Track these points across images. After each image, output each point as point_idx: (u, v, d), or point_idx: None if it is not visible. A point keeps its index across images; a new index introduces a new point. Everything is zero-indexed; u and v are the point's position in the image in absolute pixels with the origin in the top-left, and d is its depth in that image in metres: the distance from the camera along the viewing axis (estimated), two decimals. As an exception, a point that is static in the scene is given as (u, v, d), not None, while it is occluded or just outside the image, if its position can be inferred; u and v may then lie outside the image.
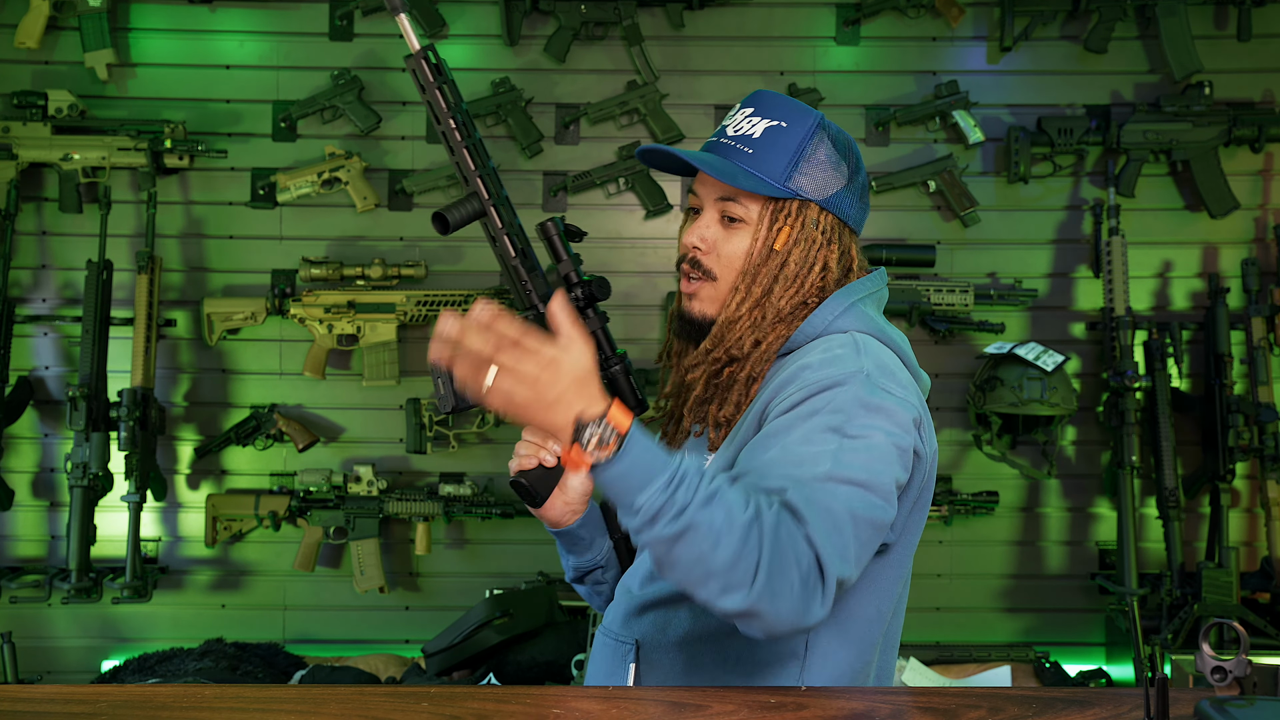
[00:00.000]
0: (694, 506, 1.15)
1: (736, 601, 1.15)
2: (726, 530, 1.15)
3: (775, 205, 1.43)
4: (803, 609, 1.16)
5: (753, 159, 1.42)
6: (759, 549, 1.15)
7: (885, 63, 3.34)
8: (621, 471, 1.17)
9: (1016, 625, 3.33)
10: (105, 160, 3.20)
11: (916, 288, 3.24)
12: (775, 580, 1.14)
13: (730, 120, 1.48)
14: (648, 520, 1.16)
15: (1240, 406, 3.14)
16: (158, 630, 3.30)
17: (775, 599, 1.14)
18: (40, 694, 1.31)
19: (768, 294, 1.42)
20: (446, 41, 3.33)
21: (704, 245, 1.45)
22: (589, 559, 1.56)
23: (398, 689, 1.34)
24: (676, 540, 1.15)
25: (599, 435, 1.17)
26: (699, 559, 1.15)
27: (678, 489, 1.16)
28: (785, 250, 1.43)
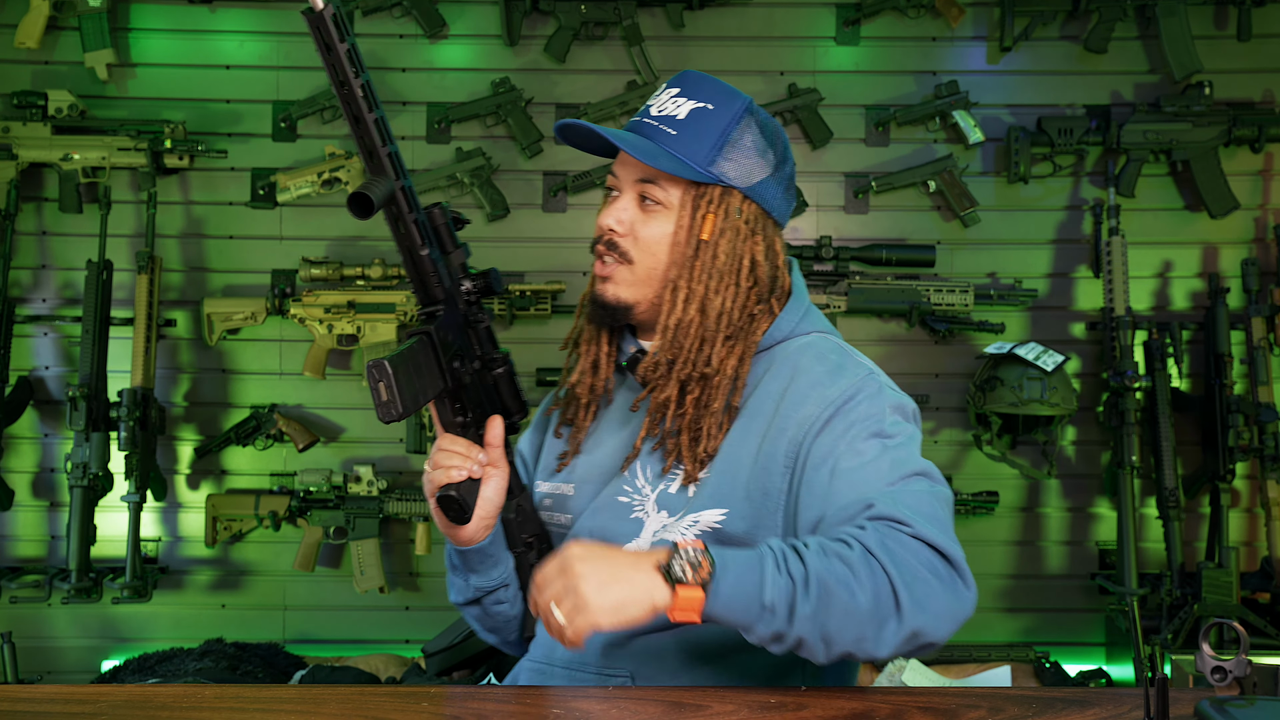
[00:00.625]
0: (814, 570, 1.12)
1: (894, 632, 1.12)
2: (852, 574, 1.12)
3: (697, 190, 1.38)
4: (955, 601, 1.14)
5: (676, 141, 1.37)
6: (885, 572, 1.12)
7: (885, 63, 3.34)
8: (732, 582, 1.12)
9: (1016, 625, 3.33)
10: (105, 160, 3.20)
11: (916, 288, 3.24)
12: (916, 591, 1.12)
13: (655, 100, 1.42)
14: (787, 611, 1.12)
15: (1240, 406, 3.14)
16: (158, 630, 3.30)
17: (926, 609, 1.13)
18: (40, 694, 1.31)
19: (709, 291, 1.37)
20: (446, 41, 3.33)
21: (620, 227, 1.40)
22: (495, 577, 1.48)
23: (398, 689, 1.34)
24: (819, 611, 1.12)
25: (687, 560, 1.12)
26: (846, 612, 1.11)
27: (788, 566, 1.13)
28: (713, 240, 1.37)
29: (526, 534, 1.49)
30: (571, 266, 3.30)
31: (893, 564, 1.13)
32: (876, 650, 1.14)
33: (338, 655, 3.27)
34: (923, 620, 1.12)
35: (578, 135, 1.45)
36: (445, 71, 3.34)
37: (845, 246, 3.24)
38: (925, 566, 1.14)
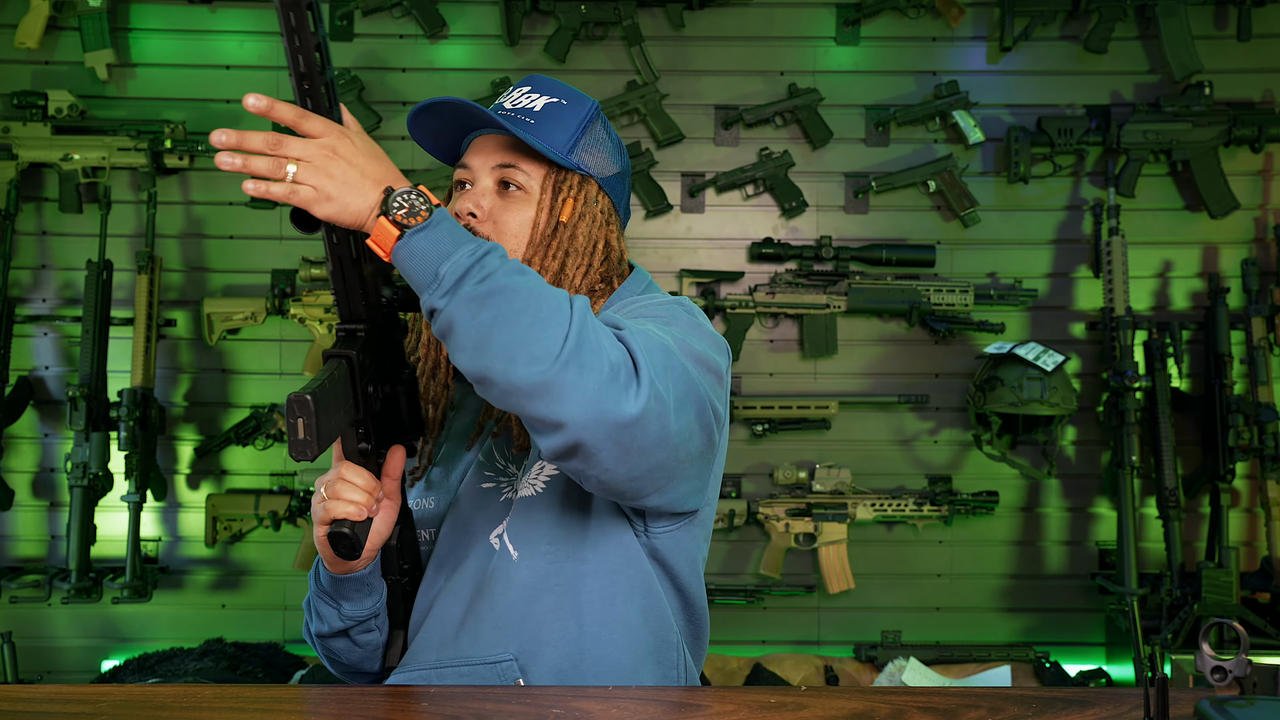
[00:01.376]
0: (503, 272, 1.10)
1: (538, 372, 1.06)
2: (538, 295, 1.09)
3: (558, 175, 1.40)
4: (612, 393, 1.07)
5: (535, 129, 1.39)
6: (569, 319, 1.08)
7: (885, 63, 3.34)
8: (431, 239, 1.11)
9: (1016, 625, 3.34)
10: (105, 160, 3.21)
11: (916, 288, 3.24)
12: (585, 353, 1.07)
13: (507, 97, 1.43)
14: (453, 284, 1.09)
15: (1240, 406, 3.14)
16: (158, 630, 3.30)
17: (582, 371, 1.06)
18: (40, 694, 1.31)
19: (563, 268, 1.38)
20: (446, 41, 3.33)
21: (479, 212, 1.38)
22: (369, 606, 1.41)
23: (398, 689, 1.34)
24: (483, 304, 1.08)
25: (410, 204, 1.12)
26: (504, 321, 1.07)
27: (487, 256, 1.11)
28: (572, 223, 1.39)
29: (405, 561, 1.43)
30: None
31: (581, 325, 1.09)
32: (510, 374, 1.07)
33: (338, 655, 3.27)
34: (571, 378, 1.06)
35: (427, 128, 1.43)
36: (445, 71, 3.34)
37: (845, 246, 3.24)
38: (607, 353, 1.09)
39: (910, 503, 3.24)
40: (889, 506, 3.23)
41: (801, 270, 3.25)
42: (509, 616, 1.33)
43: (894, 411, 3.31)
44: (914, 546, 3.34)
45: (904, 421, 3.33)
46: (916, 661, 3.14)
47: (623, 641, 1.34)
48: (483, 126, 1.42)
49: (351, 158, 1.12)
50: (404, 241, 1.11)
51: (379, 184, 1.13)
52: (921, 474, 3.33)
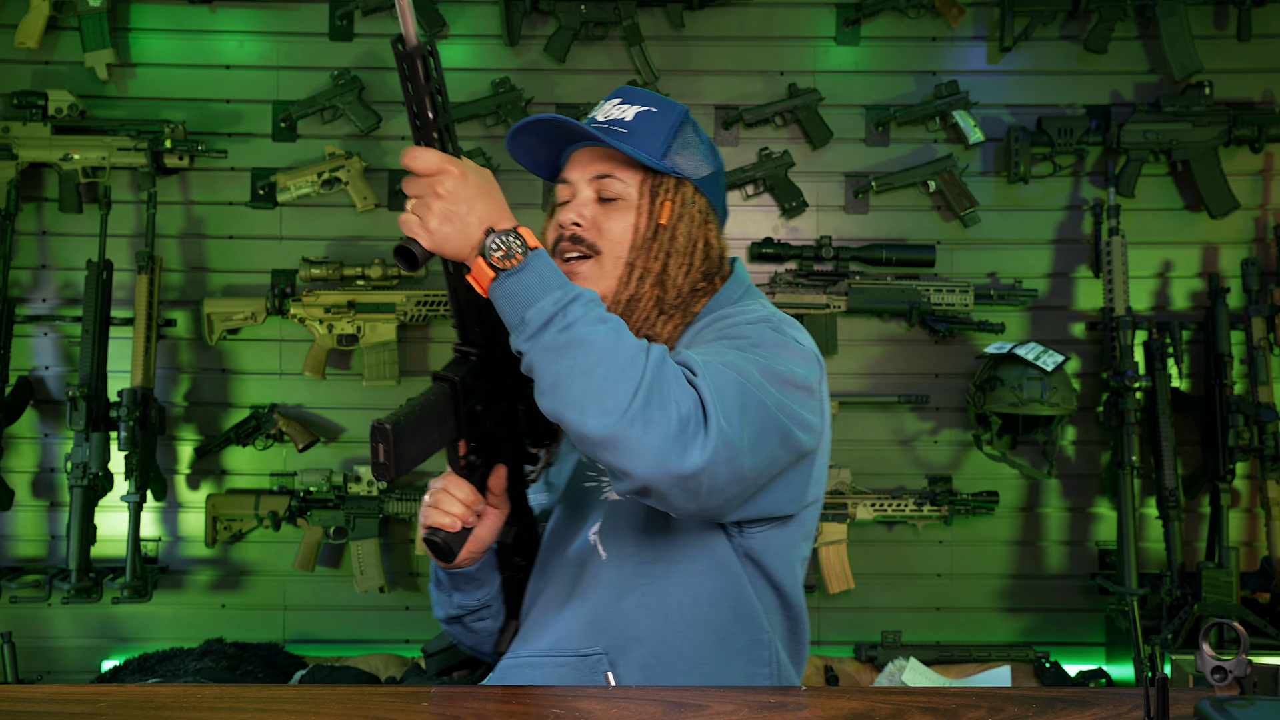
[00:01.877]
0: (585, 322, 1.15)
1: (605, 425, 1.11)
2: (614, 352, 1.13)
3: (654, 180, 1.44)
4: (677, 446, 1.12)
5: (629, 138, 1.43)
6: (641, 377, 1.12)
7: (885, 63, 3.34)
8: (522, 283, 1.16)
9: (1016, 625, 3.34)
10: (105, 160, 3.21)
11: (916, 288, 3.24)
12: (652, 409, 1.12)
13: (598, 110, 1.48)
14: (537, 329, 1.15)
15: (1240, 406, 3.14)
16: (158, 630, 3.30)
17: (647, 427, 1.11)
18: (40, 694, 1.31)
19: (665, 269, 1.42)
20: (446, 41, 3.33)
21: (584, 221, 1.44)
22: (479, 597, 1.50)
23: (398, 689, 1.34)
24: (562, 353, 1.14)
25: (507, 246, 1.17)
26: (579, 373, 1.13)
27: (572, 304, 1.16)
28: (671, 225, 1.43)
29: (521, 558, 1.50)
30: (571, 266, 3.30)
31: (654, 377, 1.13)
32: (580, 428, 1.13)
33: (338, 655, 3.27)
34: (637, 434, 1.11)
35: (525, 145, 1.50)
36: (445, 71, 3.33)
37: (845, 246, 3.25)
38: (677, 405, 1.13)
39: (910, 503, 3.24)
40: (889, 506, 3.23)
41: (801, 270, 3.25)
42: (599, 613, 1.37)
43: (894, 411, 3.31)
44: (914, 546, 3.34)
45: (904, 421, 3.33)
46: (916, 661, 3.14)
47: (710, 639, 1.37)
48: (579, 140, 1.47)
49: (457, 195, 1.17)
50: (498, 283, 1.17)
51: (483, 223, 1.18)
52: (921, 474, 3.33)
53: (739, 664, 1.38)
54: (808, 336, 1.41)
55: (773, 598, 1.42)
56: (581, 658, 1.37)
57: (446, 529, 1.35)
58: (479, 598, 1.49)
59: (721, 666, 1.37)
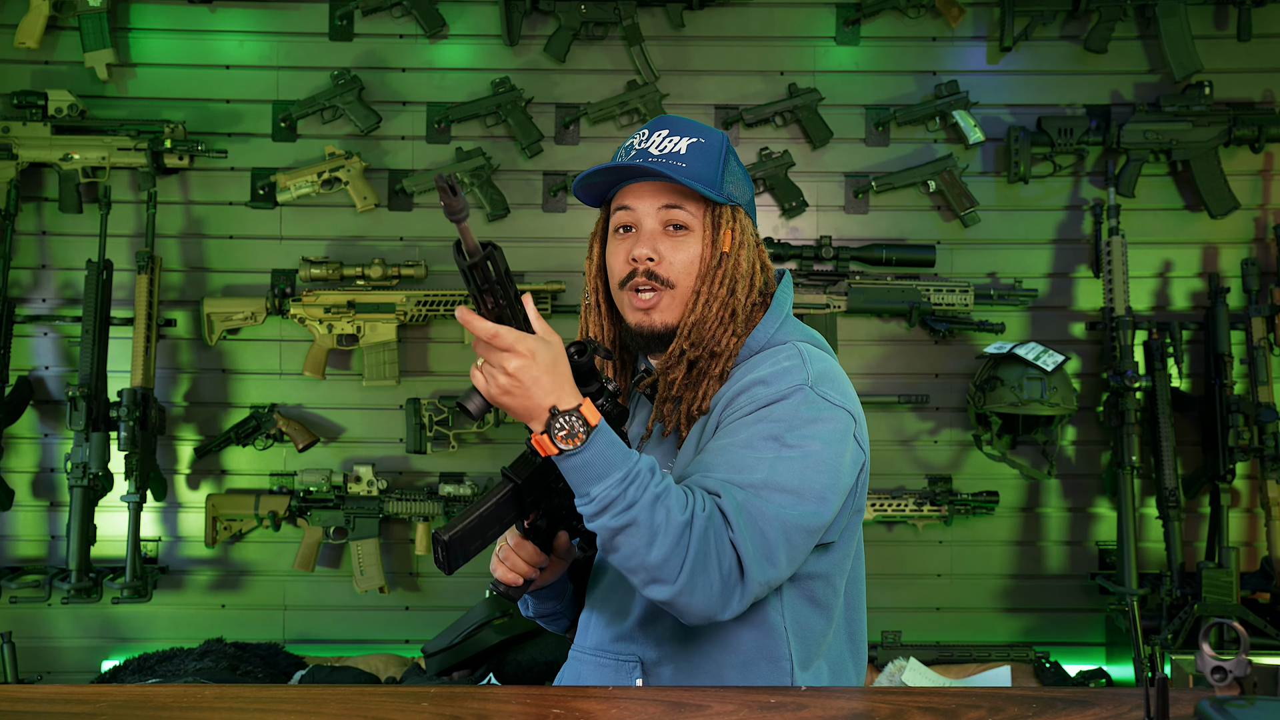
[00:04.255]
0: (641, 505, 1.27)
1: (661, 593, 1.30)
2: (663, 531, 1.27)
3: (715, 211, 1.52)
4: (719, 604, 1.31)
5: (688, 171, 1.49)
6: (686, 551, 1.28)
7: (885, 63, 3.34)
8: (585, 461, 1.28)
9: (1016, 625, 3.33)
10: (105, 160, 3.20)
11: (916, 288, 3.24)
12: (696, 579, 1.28)
13: (647, 143, 1.53)
14: (599, 510, 1.28)
15: (1240, 406, 3.14)
16: (158, 630, 3.30)
17: (693, 595, 1.29)
18: (40, 694, 1.31)
19: (732, 293, 1.50)
20: (446, 41, 3.33)
21: (656, 256, 1.50)
22: (550, 607, 1.66)
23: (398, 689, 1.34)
24: (619, 532, 1.28)
25: (570, 427, 1.27)
26: (635, 552, 1.28)
27: (630, 485, 1.28)
28: (734, 251, 1.51)
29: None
30: (571, 266, 3.30)
31: (698, 550, 1.28)
32: (639, 588, 1.32)
33: (338, 655, 3.27)
34: (685, 601, 1.30)
35: (595, 187, 1.57)
36: (445, 71, 3.34)
37: (845, 246, 3.24)
38: (719, 567, 1.29)
39: (910, 503, 3.24)
40: (889, 506, 3.23)
41: (801, 270, 3.25)
42: (633, 627, 1.49)
43: (894, 411, 3.31)
44: (914, 546, 3.34)
45: (904, 421, 3.33)
46: (916, 661, 3.14)
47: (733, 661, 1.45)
48: (641, 174, 1.52)
49: (523, 375, 1.27)
50: (562, 459, 1.29)
51: (546, 399, 1.28)
52: (921, 474, 3.33)
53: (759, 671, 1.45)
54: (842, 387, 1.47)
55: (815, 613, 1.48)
56: (619, 660, 1.50)
57: (509, 584, 1.48)
58: (550, 608, 1.66)
59: (742, 677, 1.46)
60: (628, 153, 1.53)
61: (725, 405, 1.46)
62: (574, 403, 1.28)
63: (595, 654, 1.53)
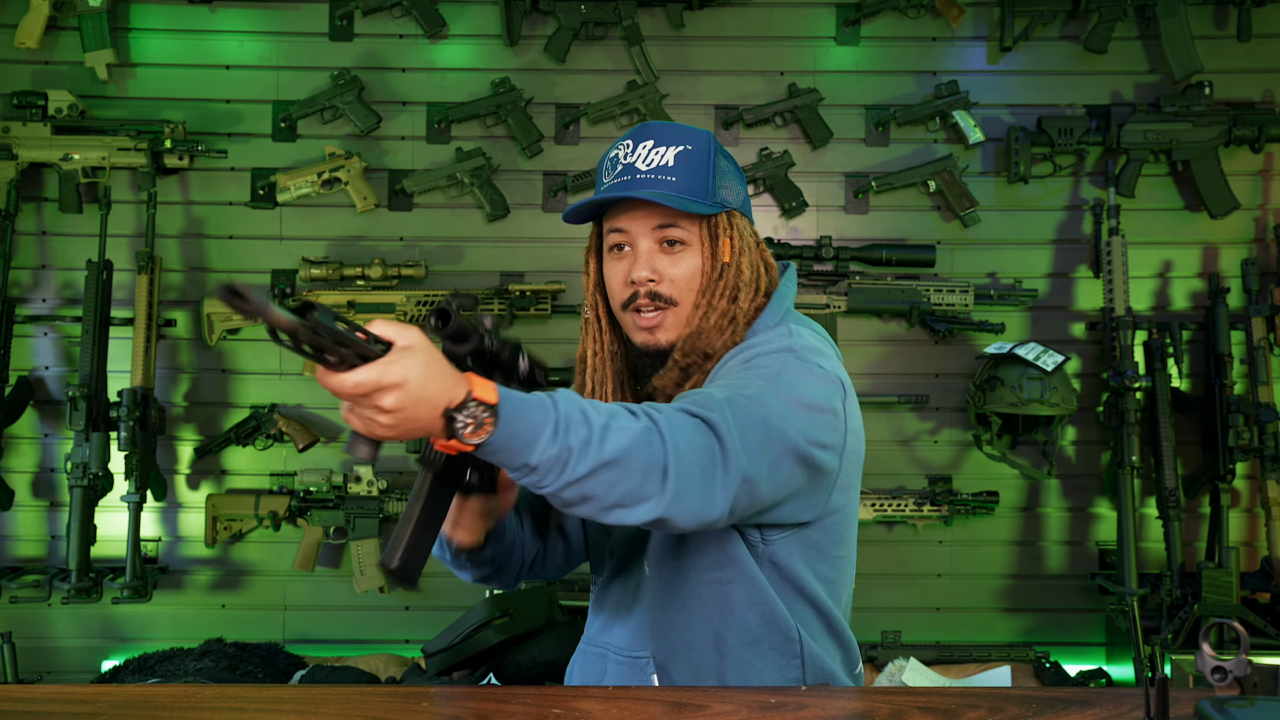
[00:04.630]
0: (594, 443, 1.16)
1: (650, 512, 1.19)
2: (629, 453, 1.17)
3: (710, 221, 1.49)
4: (707, 502, 1.21)
5: (679, 185, 1.46)
6: (664, 458, 1.18)
7: (885, 63, 3.34)
8: (505, 439, 1.14)
9: (1016, 625, 3.33)
10: (105, 160, 3.20)
11: (916, 288, 3.24)
12: (682, 481, 1.19)
13: (633, 156, 1.49)
14: (547, 472, 1.16)
15: (1240, 406, 3.14)
16: (158, 630, 3.30)
17: (682, 498, 1.19)
18: (40, 694, 1.31)
19: (734, 301, 1.48)
20: (446, 41, 3.33)
21: (656, 275, 1.47)
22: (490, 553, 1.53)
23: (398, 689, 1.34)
24: (585, 479, 1.17)
25: (474, 419, 1.13)
26: (608, 490, 1.18)
27: (567, 433, 1.16)
28: (735, 260, 1.48)
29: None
30: (571, 267, 3.30)
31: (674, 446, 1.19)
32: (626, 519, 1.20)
33: (338, 655, 3.27)
34: (675, 510, 1.19)
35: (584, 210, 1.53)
36: (445, 71, 3.34)
37: (845, 246, 3.24)
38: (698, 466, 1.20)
39: (910, 503, 3.24)
40: (889, 506, 3.23)
41: (801, 270, 3.25)
42: (645, 623, 1.48)
43: (894, 411, 3.31)
44: (914, 546, 3.34)
45: (904, 421, 3.33)
46: (916, 661, 3.14)
47: (743, 640, 1.44)
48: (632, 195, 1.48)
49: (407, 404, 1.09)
50: (481, 450, 1.15)
51: (438, 409, 1.11)
52: (921, 474, 3.33)
53: (770, 659, 1.44)
54: (834, 362, 1.48)
55: (800, 602, 1.47)
56: (633, 659, 1.48)
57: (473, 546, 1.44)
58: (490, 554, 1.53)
59: (755, 665, 1.44)
60: (613, 167, 1.50)
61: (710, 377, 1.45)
62: (463, 392, 1.12)
63: (615, 654, 1.51)
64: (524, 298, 3.22)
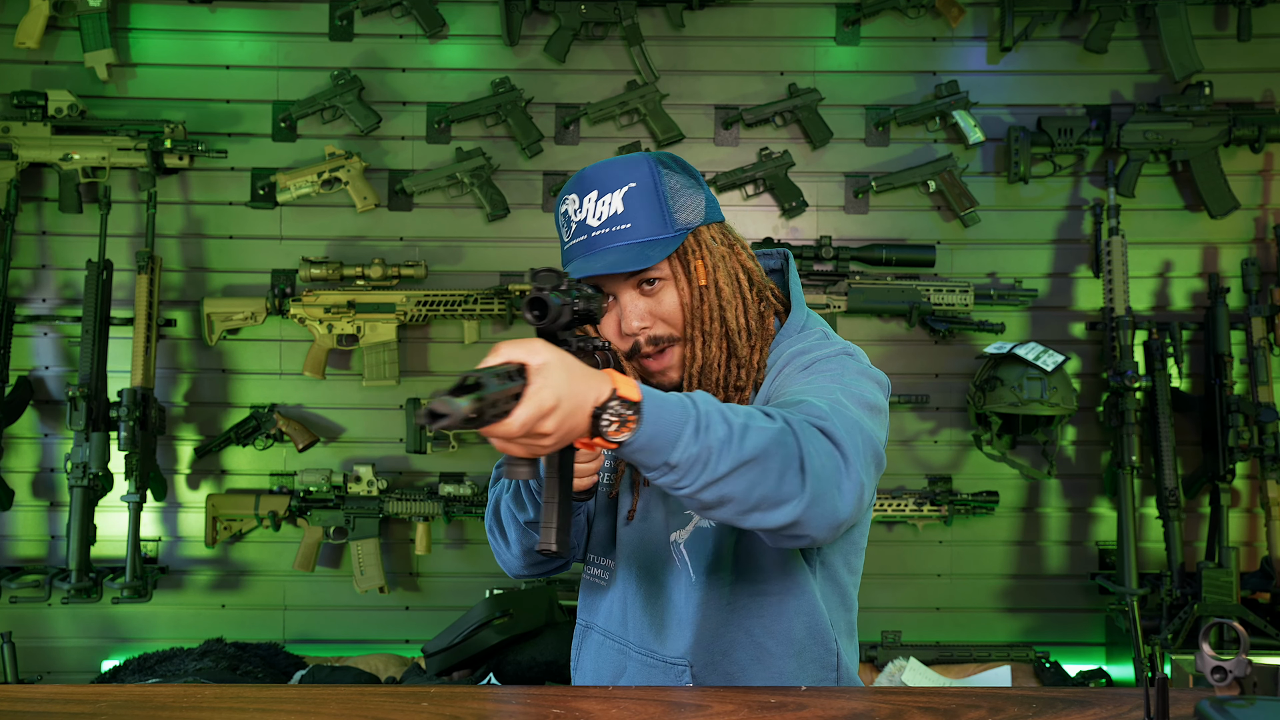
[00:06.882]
0: (734, 442, 1.16)
1: (787, 514, 1.19)
2: (765, 455, 1.17)
3: (678, 251, 1.47)
4: (839, 507, 1.22)
5: (635, 231, 1.44)
6: (800, 459, 1.18)
7: (885, 63, 3.34)
8: (648, 437, 1.14)
9: (1016, 625, 3.33)
10: (105, 160, 3.20)
11: (916, 288, 3.24)
12: (818, 484, 1.19)
13: (582, 213, 1.46)
14: (687, 471, 1.15)
15: (1240, 406, 3.14)
16: (158, 630, 3.30)
17: (817, 502, 1.19)
18: (40, 694, 1.31)
19: (724, 322, 1.46)
20: (446, 41, 3.33)
21: (648, 321, 1.46)
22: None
23: (398, 689, 1.34)
24: (725, 479, 1.16)
25: (618, 417, 1.12)
26: (747, 492, 1.17)
27: (707, 432, 1.16)
28: (711, 280, 1.47)
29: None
30: (571, 266, 3.30)
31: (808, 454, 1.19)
32: (763, 523, 1.20)
33: (338, 655, 3.27)
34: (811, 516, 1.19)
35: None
36: (445, 71, 3.34)
37: (845, 246, 3.24)
38: (830, 471, 1.20)
39: (910, 503, 3.24)
40: (889, 506, 3.23)
41: (801, 270, 3.25)
42: (688, 630, 1.47)
43: (894, 411, 3.31)
44: (914, 546, 3.34)
45: (904, 421, 3.33)
46: (916, 661, 3.14)
47: (789, 652, 1.47)
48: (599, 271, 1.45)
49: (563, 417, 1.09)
50: (624, 450, 1.14)
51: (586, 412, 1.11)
52: (921, 474, 3.33)
53: (811, 670, 1.47)
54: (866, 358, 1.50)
55: (835, 596, 1.52)
56: (667, 664, 1.48)
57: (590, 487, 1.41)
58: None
59: (796, 674, 1.47)
60: (568, 225, 1.48)
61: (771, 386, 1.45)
62: (607, 390, 1.12)
63: (643, 655, 1.50)
64: (524, 298, 3.21)
